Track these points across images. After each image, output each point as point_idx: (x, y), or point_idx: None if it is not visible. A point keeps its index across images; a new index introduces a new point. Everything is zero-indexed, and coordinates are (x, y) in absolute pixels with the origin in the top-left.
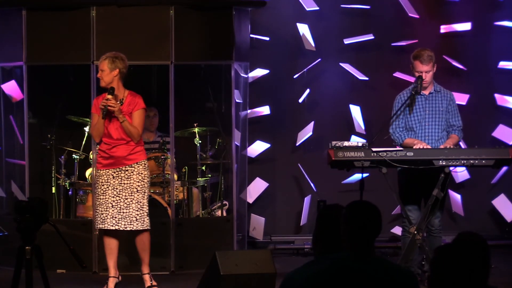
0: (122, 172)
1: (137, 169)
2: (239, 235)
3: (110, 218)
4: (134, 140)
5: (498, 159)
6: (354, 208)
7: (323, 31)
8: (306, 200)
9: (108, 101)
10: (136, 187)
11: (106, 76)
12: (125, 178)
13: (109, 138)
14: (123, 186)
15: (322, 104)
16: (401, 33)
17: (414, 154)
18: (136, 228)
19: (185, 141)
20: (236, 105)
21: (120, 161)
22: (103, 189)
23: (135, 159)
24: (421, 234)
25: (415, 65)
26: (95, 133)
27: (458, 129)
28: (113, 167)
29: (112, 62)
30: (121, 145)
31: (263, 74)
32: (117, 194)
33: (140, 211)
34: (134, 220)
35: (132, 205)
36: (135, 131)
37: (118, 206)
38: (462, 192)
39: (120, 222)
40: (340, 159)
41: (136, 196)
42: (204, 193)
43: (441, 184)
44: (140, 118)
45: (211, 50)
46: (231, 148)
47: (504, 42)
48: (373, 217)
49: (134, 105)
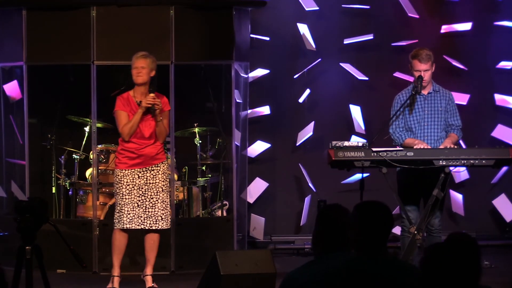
0: (148, 172)
1: (162, 169)
2: (239, 235)
3: (137, 218)
4: (162, 140)
5: (498, 159)
6: (367, 208)
7: (323, 31)
8: (306, 200)
9: (155, 100)
10: (162, 186)
11: (146, 74)
12: (150, 178)
13: (140, 137)
14: (148, 186)
15: (322, 104)
16: (401, 33)
17: (414, 154)
18: (161, 227)
19: (185, 141)
20: (236, 105)
21: (148, 160)
22: (129, 189)
23: (160, 159)
24: (421, 234)
25: (414, 64)
26: (129, 131)
27: (457, 128)
28: (140, 166)
29: (152, 62)
30: (151, 144)
31: (263, 74)
32: (142, 193)
33: (165, 210)
34: (160, 220)
35: (157, 204)
36: (166, 132)
37: (144, 206)
38: (463, 192)
39: (146, 222)
40: (340, 159)
41: (162, 196)
42: (204, 193)
43: (441, 184)
44: (168, 119)
45: (211, 50)
46: (231, 148)
47: (504, 42)
48: (386, 217)
49: (164, 105)
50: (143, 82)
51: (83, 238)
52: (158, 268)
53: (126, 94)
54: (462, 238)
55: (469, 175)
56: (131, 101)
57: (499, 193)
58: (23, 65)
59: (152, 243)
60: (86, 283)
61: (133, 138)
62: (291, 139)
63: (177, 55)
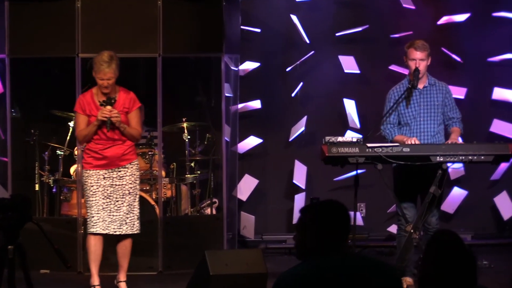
0: (114, 173)
1: (130, 170)
2: (229, 234)
3: (101, 222)
4: (135, 141)
5: (497, 155)
6: (321, 209)
7: (317, 23)
8: (298, 197)
9: (111, 112)
10: (128, 189)
11: (113, 84)
12: (117, 179)
13: (104, 138)
14: (114, 188)
15: (316, 98)
16: (396, 24)
17: (410, 150)
18: (125, 232)
19: (173, 137)
20: (226, 99)
21: (114, 162)
22: (93, 190)
23: (129, 160)
24: (417, 233)
25: (409, 53)
26: (83, 139)
27: (458, 121)
28: (106, 168)
29: (117, 66)
30: (117, 145)
31: (254, 67)
32: (107, 196)
33: (130, 214)
34: (124, 224)
35: (123, 208)
36: (137, 133)
37: (108, 209)
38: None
39: (110, 226)
40: (334, 155)
41: (128, 199)
42: (193, 190)
43: (438, 181)
44: (138, 117)
45: (201, 42)
46: (221, 144)
47: (503, 34)
48: (341, 217)
49: (131, 105)
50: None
51: (67, 237)
52: (145, 268)
53: (88, 94)
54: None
55: (465, 172)
56: (93, 102)
57: (501, 190)
58: (5, 58)
59: (124, 248)
60: (70, 283)
61: (96, 138)
62: (284, 135)
63: (165, 47)
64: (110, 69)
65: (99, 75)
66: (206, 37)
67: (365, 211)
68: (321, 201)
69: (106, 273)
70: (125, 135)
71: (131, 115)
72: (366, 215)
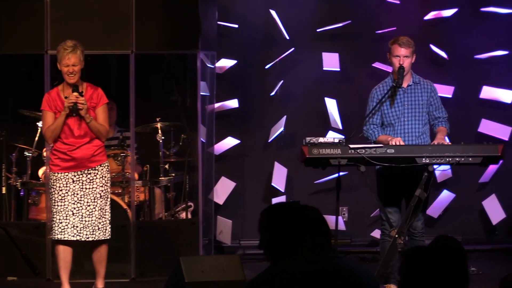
0: (84, 176)
1: (101, 172)
2: (205, 239)
3: (71, 227)
4: (103, 138)
5: (486, 157)
6: (290, 212)
7: (297, 18)
8: (277, 201)
9: (78, 99)
10: (99, 192)
11: (79, 72)
12: (87, 182)
13: (71, 137)
14: (84, 192)
15: (296, 97)
16: (380, 20)
17: (395, 151)
18: (98, 238)
19: (146, 137)
20: (202, 98)
21: (83, 163)
22: (61, 194)
23: (98, 161)
24: (402, 238)
25: (393, 49)
26: (51, 134)
27: (444, 120)
28: (75, 169)
29: (82, 53)
30: (85, 144)
31: (232, 64)
32: (78, 200)
33: (102, 219)
34: (97, 229)
35: (95, 212)
36: (104, 129)
37: (80, 214)
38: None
39: (82, 232)
40: (315, 156)
41: (99, 203)
42: (167, 194)
43: (424, 183)
44: (105, 114)
45: (175, 38)
46: (196, 145)
47: (491, 30)
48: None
49: (98, 100)
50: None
51: (36, 242)
52: (117, 275)
53: (54, 91)
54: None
55: (452, 174)
56: (59, 98)
57: (489, 194)
58: None
59: (99, 255)
60: None
61: (64, 137)
62: (262, 135)
63: (138, 44)
64: (75, 54)
65: (63, 61)
66: (181, 33)
67: (348, 216)
68: (284, 202)
69: (79, 280)
70: (92, 129)
71: (98, 111)
72: (349, 220)
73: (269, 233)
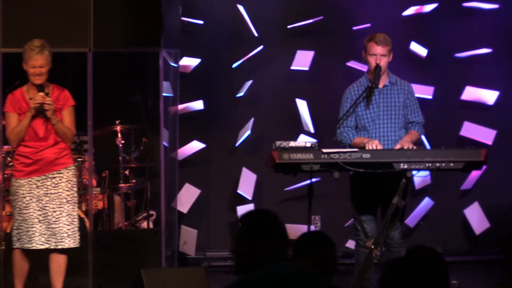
0: (49, 180)
1: (67, 176)
2: (168, 250)
3: (38, 235)
4: (68, 142)
5: (468, 162)
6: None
7: (267, 14)
8: (242, 209)
9: (45, 99)
10: (66, 197)
11: (46, 73)
12: (52, 187)
13: (35, 140)
14: (50, 197)
15: (265, 98)
16: (355, 16)
17: (371, 156)
18: (68, 246)
19: (105, 141)
20: (165, 100)
21: (47, 167)
22: (26, 202)
23: (64, 164)
24: (378, 249)
25: (369, 47)
26: (15, 137)
27: (418, 125)
28: (38, 174)
29: (50, 54)
30: (50, 147)
31: (197, 63)
32: (43, 206)
33: (71, 225)
34: (66, 236)
35: (62, 219)
36: (70, 132)
37: (47, 221)
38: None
39: (50, 240)
40: (286, 161)
41: (67, 208)
42: (127, 202)
43: (402, 190)
44: (72, 117)
45: (136, 35)
46: (158, 149)
47: (473, 26)
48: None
49: (64, 102)
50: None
51: None
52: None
53: (18, 91)
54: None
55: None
56: (23, 99)
57: (472, 201)
58: None
59: (57, 265)
60: None
61: (27, 140)
62: (229, 139)
63: (96, 41)
64: (42, 55)
65: (30, 62)
66: (142, 30)
67: (320, 225)
68: (256, 210)
69: None
70: (57, 132)
71: (65, 113)
72: (321, 229)
73: (250, 241)
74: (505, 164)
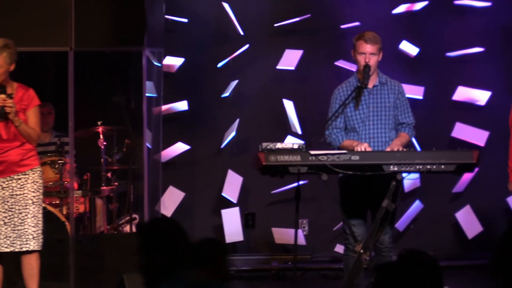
0: (14, 182)
1: (32, 177)
2: None
3: (4, 238)
4: (33, 143)
5: (460, 164)
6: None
7: (253, 12)
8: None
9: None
10: (32, 198)
11: (3, 74)
12: (17, 189)
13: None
14: (15, 199)
15: (251, 99)
16: (344, 14)
17: (360, 158)
18: (33, 248)
19: (87, 143)
20: (148, 100)
21: (12, 168)
22: None
23: (29, 165)
24: (368, 254)
25: (358, 46)
26: None
27: (409, 127)
28: (3, 175)
29: (10, 55)
30: (14, 148)
31: (181, 62)
32: (8, 208)
33: (36, 227)
34: (31, 239)
35: (27, 220)
36: (34, 133)
37: (12, 223)
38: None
39: (16, 242)
40: (272, 163)
41: (32, 210)
42: (109, 205)
43: (392, 193)
44: (37, 117)
45: (119, 34)
46: (142, 151)
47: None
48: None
49: (29, 101)
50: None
51: None
52: None
53: None
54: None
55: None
56: None
57: (463, 205)
58: None
59: (30, 268)
60: None
61: None
62: (215, 140)
63: (77, 40)
64: (2, 56)
65: None
66: (125, 28)
67: (308, 229)
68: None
69: None
70: (21, 134)
71: (29, 113)
72: (309, 233)
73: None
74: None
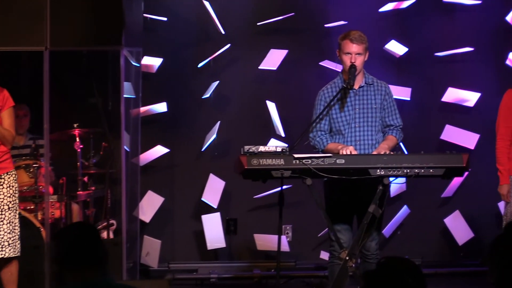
0: None
1: (8, 181)
2: (130, 262)
3: None
4: (9, 145)
5: (449, 168)
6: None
7: (235, 11)
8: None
9: None
10: (7, 203)
11: None
12: None
13: None
14: None
15: (233, 100)
16: (329, 12)
17: (345, 161)
18: (8, 255)
19: (62, 146)
20: (126, 101)
21: None
22: None
23: (4, 168)
24: (354, 261)
25: (343, 46)
26: None
27: (396, 129)
28: None
29: None
30: None
31: (160, 62)
32: None
33: (12, 233)
34: (6, 245)
35: (3, 226)
36: (9, 134)
37: None
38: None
39: None
40: (255, 167)
41: (8, 215)
42: (86, 210)
43: (378, 198)
44: (11, 118)
45: (95, 33)
46: (119, 154)
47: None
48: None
49: (3, 102)
50: None
51: None
52: None
53: None
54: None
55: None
56: None
57: (453, 210)
58: None
59: (9, 275)
60: None
61: None
62: (195, 143)
63: (53, 39)
64: None
65: None
66: (102, 27)
67: (292, 235)
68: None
69: None
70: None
71: (3, 115)
72: (293, 240)
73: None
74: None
